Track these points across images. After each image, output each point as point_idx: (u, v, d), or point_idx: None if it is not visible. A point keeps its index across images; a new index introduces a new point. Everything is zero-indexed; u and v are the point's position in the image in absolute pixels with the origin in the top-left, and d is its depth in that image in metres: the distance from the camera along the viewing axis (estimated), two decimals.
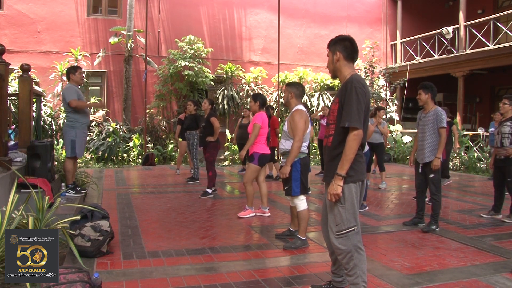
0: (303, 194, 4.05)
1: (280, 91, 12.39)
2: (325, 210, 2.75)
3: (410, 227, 4.91)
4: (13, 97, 7.20)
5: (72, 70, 5.77)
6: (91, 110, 11.16)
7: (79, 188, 5.94)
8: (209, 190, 6.52)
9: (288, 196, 4.09)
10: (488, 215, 5.48)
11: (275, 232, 4.52)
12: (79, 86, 5.85)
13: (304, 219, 4.01)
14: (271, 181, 8.19)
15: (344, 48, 2.64)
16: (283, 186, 4.13)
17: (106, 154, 10.46)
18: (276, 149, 8.49)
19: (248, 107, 11.49)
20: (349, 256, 2.54)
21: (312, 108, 12.79)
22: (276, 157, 8.76)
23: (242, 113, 9.40)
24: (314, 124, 12.12)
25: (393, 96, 14.29)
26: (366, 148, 5.39)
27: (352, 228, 2.54)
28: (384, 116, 12.93)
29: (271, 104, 12.85)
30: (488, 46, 11.57)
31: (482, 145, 11.25)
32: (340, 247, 2.55)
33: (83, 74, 5.95)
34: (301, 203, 4.04)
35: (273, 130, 7.90)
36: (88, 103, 5.39)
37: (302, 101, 4.30)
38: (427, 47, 13.53)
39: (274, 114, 9.01)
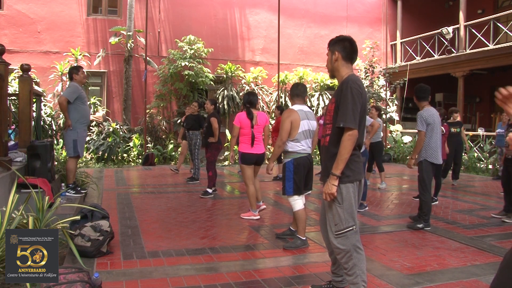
0: (297, 194, 4.01)
1: (280, 91, 12.39)
2: (323, 210, 2.75)
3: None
4: (13, 97, 7.20)
5: (75, 70, 5.79)
6: (91, 110, 11.19)
7: (79, 188, 5.95)
8: (209, 190, 6.52)
9: (284, 195, 4.11)
10: (499, 215, 5.45)
11: (275, 232, 4.52)
12: (82, 86, 5.89)
13: (300, 219, 4.01)
14: (272, 181, 8.19)
15: (343, 48, 2.65)
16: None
17: (106, 154, 10.46)
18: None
19: None
20: (348, 255, 2.54)
21: (312, 108, 12.79)
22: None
23: None
24: None
25: (393, 96, 14.28)
26: (363, 147, 5.40)
27: (351, 228, 2.54)
28: (384, 116, 12.98)
29: (271, 104, 12.89)
30: (488, 46, 11.56)
31: (482, 145, 11.25)
32: (339, 246, 2.55)
33: (85, 74, 5.99)
34: (296, 203, 4.03)
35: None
36: (64, 112, 5.55)
37: None
38: (427, 47, 13.52)
39: (274, 114, 9.04)
